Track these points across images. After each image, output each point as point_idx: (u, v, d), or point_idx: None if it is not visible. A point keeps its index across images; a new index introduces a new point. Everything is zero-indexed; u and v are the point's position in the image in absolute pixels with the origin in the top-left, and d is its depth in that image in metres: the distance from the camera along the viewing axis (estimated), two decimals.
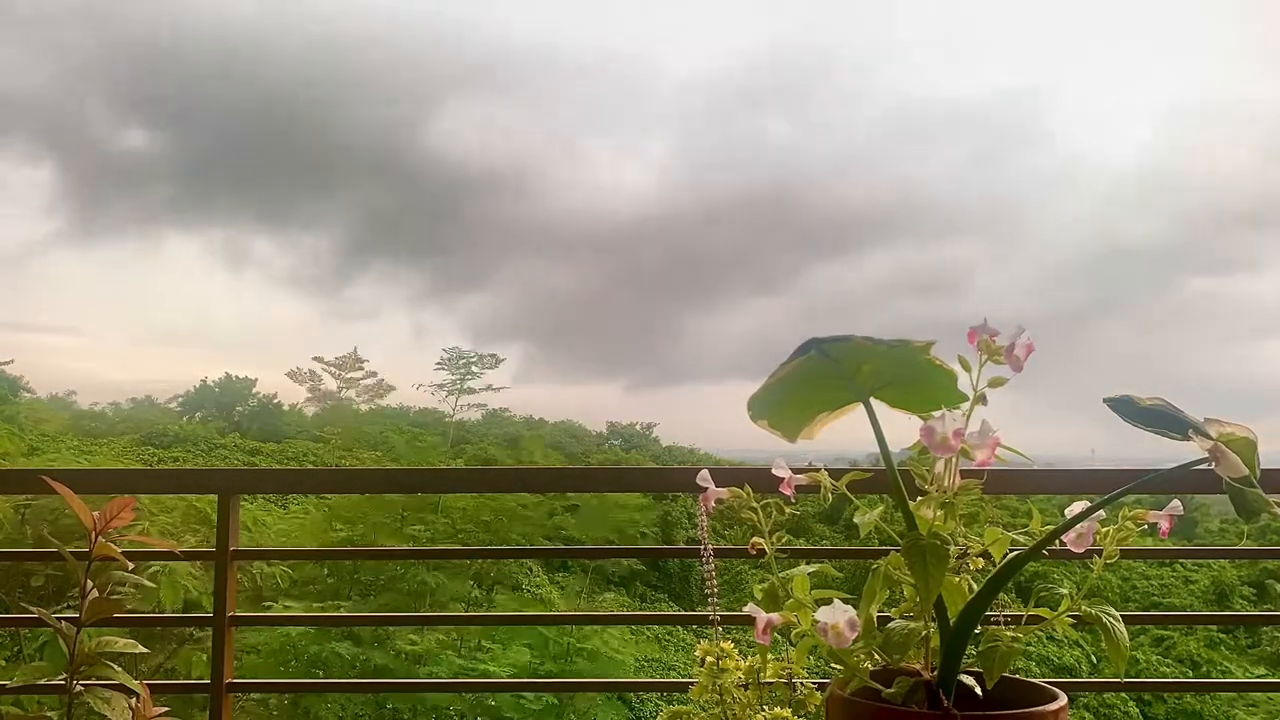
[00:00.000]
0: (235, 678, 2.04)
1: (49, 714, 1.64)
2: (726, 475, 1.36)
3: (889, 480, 1.19)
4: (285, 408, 22.99)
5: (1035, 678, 1.23)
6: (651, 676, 9.04)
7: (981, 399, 1.17)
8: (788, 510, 1.31)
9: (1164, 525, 1.19)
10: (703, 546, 1.66)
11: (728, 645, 1.54)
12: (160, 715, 1.65)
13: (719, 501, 1.32)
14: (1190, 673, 13.15)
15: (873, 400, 1.21)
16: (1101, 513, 1.19)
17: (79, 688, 1.60)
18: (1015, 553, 1.16)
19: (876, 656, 1.19)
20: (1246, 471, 1.07)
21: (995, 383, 1.17)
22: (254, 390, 24.43)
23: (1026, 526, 1.21)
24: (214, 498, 2.08)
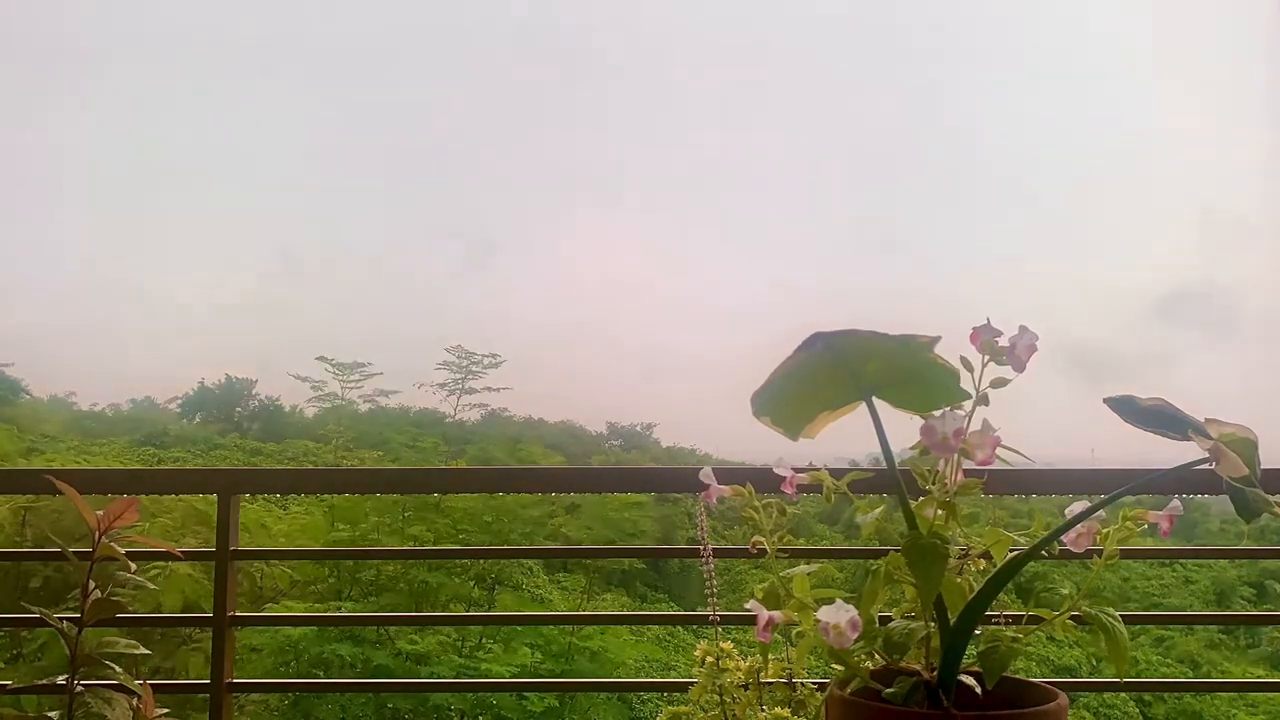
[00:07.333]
0: (235, 678, 2.04)
1: (50, 714, 1.64)
2: (728, 475, 1.36)
3: (890, 480, 1.19)
4: (286, 408, 23.04)
5: (1035, 678, 1.23)
6: (652, 676, 9.06)
7: (984, 399, 1.17)
8: (789, 510, 1.31)
9: (1164, 525, 1.19)
10: (702, 546, 1.66)
11: (727, 645, 1.54)
12: (161, 716, 1.65)
13: (720, 500, 1.32)
14: (1190, 673, 13.15)
15: (875, 399, 1.21)
16: (1101, 513, 1.19)
17: (80, 688, 1.60)
18: (1016, 553, 1.16)
19: (877, 656, 1.19)
20: (1246, 471, 1.07)
21: (997, 383, 1.17)
22: (254, 391, 24.48)
23: (1027, 526, 1.21)
24: (215, 498, 2.09)
